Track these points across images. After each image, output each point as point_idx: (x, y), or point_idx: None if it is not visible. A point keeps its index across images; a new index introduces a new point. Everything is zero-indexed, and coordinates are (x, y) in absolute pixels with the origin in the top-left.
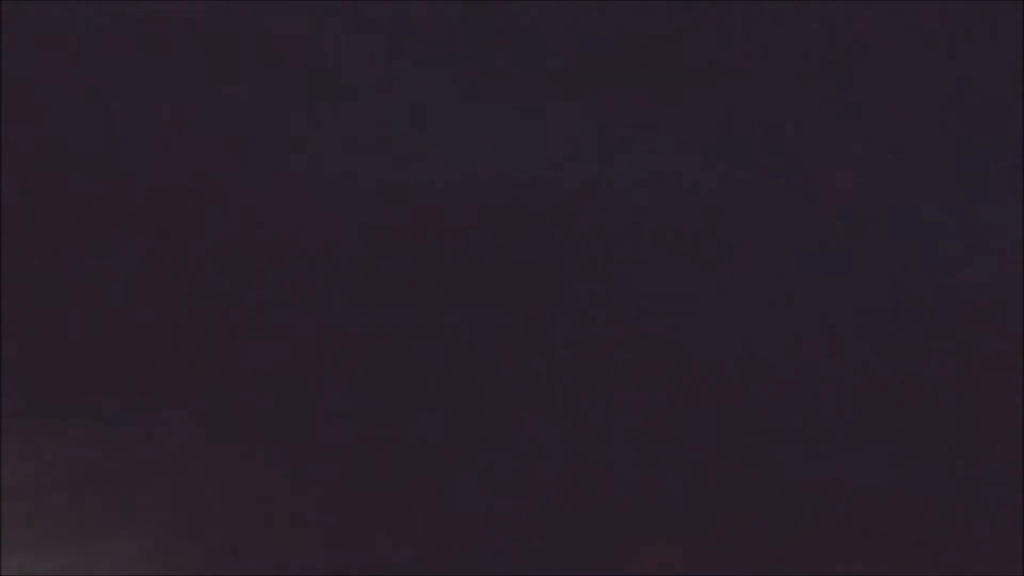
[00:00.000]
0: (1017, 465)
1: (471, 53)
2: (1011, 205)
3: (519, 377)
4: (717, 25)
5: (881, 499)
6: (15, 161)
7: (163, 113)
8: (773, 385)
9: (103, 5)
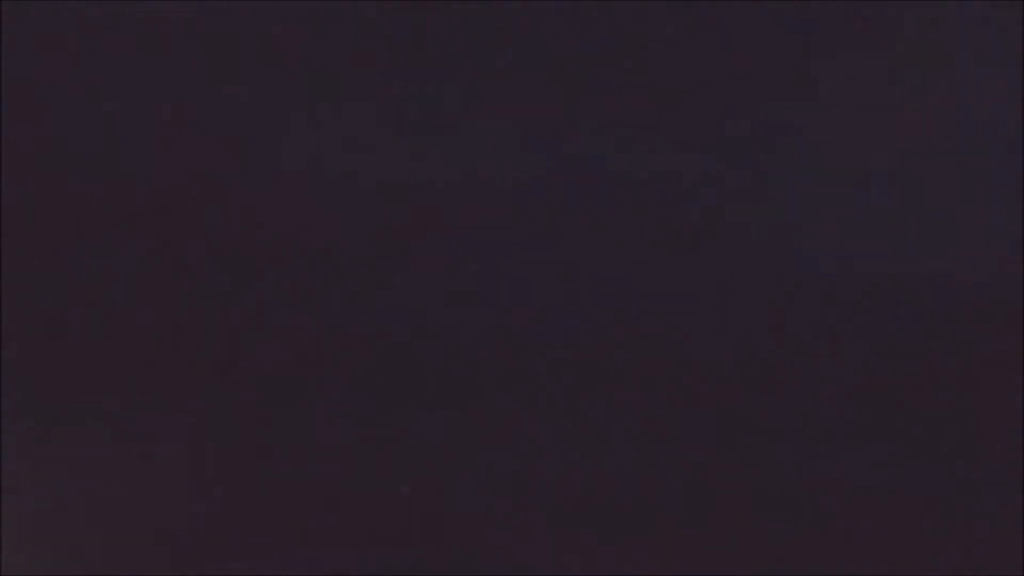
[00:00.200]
0: (1017, 465)
1: (471, 53)
2: (1011, 205)
3: (519, 377)
4: (717, 25)
5: (881, 499)
6: (15, 161)
7: (163, 113)
8: (773, 385)
9: (103, 5)
